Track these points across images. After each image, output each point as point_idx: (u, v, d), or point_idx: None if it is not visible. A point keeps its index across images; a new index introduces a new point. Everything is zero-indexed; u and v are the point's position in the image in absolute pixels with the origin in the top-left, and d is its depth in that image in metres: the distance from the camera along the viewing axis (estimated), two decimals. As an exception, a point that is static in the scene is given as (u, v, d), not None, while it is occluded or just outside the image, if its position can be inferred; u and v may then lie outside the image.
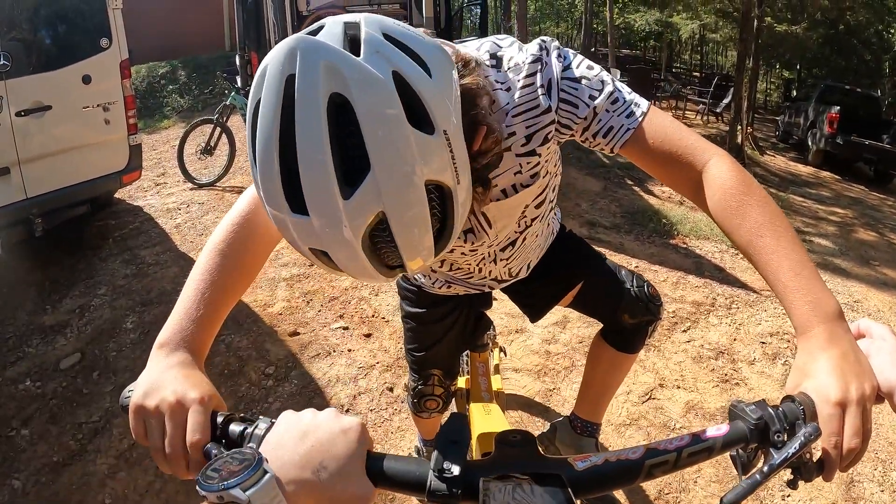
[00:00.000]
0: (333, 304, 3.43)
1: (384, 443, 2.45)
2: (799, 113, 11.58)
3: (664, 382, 2.84)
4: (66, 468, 2.31)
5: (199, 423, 0.66)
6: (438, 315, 1.48)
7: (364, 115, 0.58)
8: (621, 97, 0.89)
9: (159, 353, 0.74)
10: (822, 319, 0.70)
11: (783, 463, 0.60)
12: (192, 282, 0.81)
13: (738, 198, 0.80)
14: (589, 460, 0.62)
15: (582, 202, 5.35)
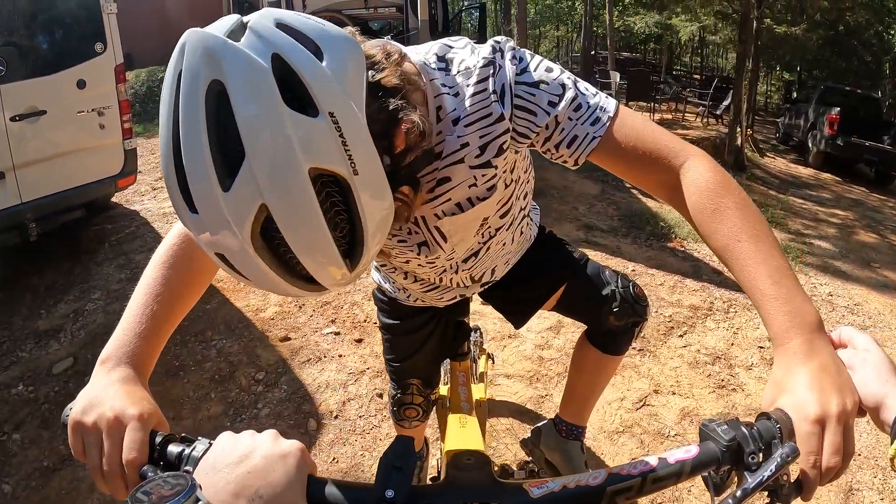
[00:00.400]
0: (325, 309, 3.40)
1: (373, 449, 2.42)
2: (799, 114, 11.58)
3: (659, 388, 2.80)
4: (56, 473, 2.30)
5: (136, 442, 0.63)
6: (414, 326, 1.44)
7: (236, 97, 0.56)
8: (585, 102, 0.81)
9: (101, 368, 0.71)
10: (801, 330, 0.65)
11: (758, 487, 0.56)
12: (137, 296, 0.78)
13: (715, 200, 0.75)
14: (546, 486, 0.58)
15: (579, 206, 5.32)
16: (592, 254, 4.12)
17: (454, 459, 0.63)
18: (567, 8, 25.38)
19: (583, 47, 17.84)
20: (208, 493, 0.51)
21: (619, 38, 22.39)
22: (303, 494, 0.55)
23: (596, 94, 0.84)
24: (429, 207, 0.92)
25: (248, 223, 0.57)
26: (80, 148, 3.78)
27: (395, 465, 0.57)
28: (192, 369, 2.86)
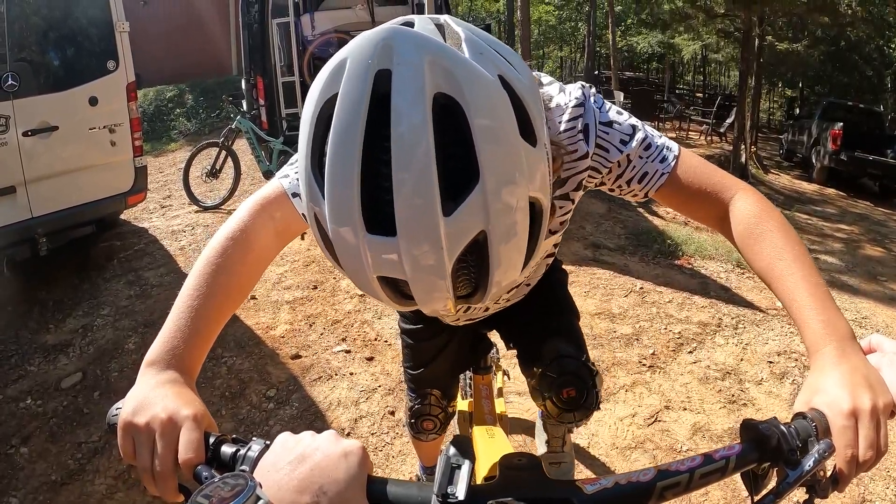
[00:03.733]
0: (336, 328, 3.42)
1: (385, 467, 2.42)
2: (802, 131, 11.60)
3: (670, 404, 2.80)
4: (64, 487, 2.29)
5: (192, 442, 0.62)
6: (435, 332, 1.45)
7: (477, 119, 0.52)
8: (654, 143, 0.89)
9: (149, 371, 0.71)
10: (834, 338, 0.69)
11: (798, 481, 0.58)
12: (184, 297, 0.78)
13: (760, 225, 0.83)
14: (598, 483, 0.60)
15: (586, 224, 5.33)
16: (600, 272, 4.18)
17: (507, 460, 0.63)
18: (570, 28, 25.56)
19: (586, 67, 17.96)
20: (270, 491, 0.52)
21: (622, 58, 22.53)
22: (363, 492, 0.56)
23: (661, 136, 0.91)
24: None
25: (460, 250, 0.55)
26: (90, 164, 3.82)
27: (457, 462, 0.58)
28: (203, 386, 2.87)
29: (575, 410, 1.31)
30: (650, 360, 3.15)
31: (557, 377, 1.30)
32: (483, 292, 0.63)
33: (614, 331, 3.44)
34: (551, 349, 1.33)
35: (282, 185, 0.88)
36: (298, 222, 0.90)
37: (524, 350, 1.46)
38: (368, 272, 0.58)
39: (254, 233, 0.85)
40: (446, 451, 0.59)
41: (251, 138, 5.65)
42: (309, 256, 4.33)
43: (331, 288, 3.89)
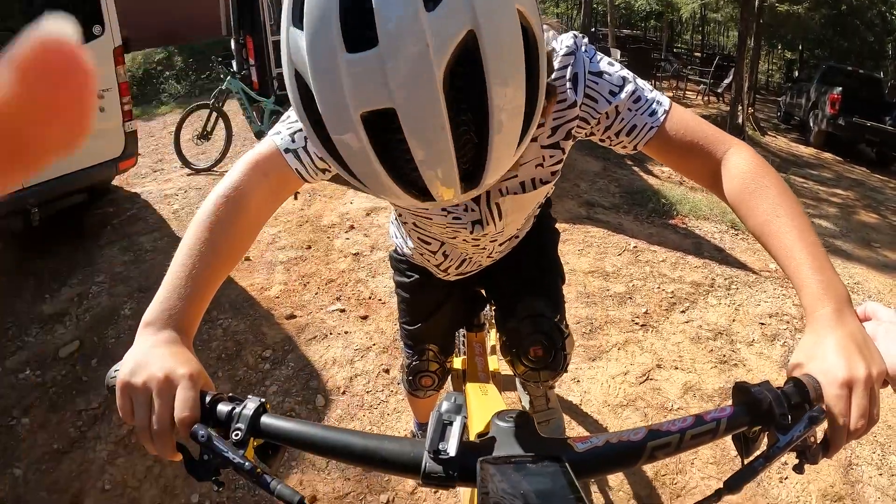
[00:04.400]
0: (330, 287, 3.42)
1: (381, 425, 2.45)
2: (801, 94, 11.50)
3: (662, 363, 2.83)
4: (66, 455, 2.31)
5: (189, 400, 0.63)
6: (431, 287, 1.45)
7: None
8: (644, 96, 0.88)
9: (146, 331, 0.71)
10: (831, 300, 0.68)
11: (788, 446, 0.59)
12: (180, 257, 0.77)
13: (756, 181, 0.81)
14: (589, 441, 0.60)
15: (581, 182, 5.31)
16: (594, 231, 4.17)
17: (499, 417, 0.64)
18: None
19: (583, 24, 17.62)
20: None
21: (620, 16, 22.15)
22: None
23: (652, 90, 0.90)
24: (496, 183, 0.96)
25: (449, 51, 0.53)
26: None
27: (448, 419, 0.59)
28: (199, 349, 2.87)
29: (541, 370, 1.32)
30: (643, 318, 3.18)
31: (528, 335, 1.31)
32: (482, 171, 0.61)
33: (607, 289, 3.46)
34: (527, 306, 1.34)
35: (274, 142, 0.88)
36: (293, 179, 0.89)
37: (501, 305, 1.47)
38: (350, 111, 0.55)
39: (248, 191, 0.84)
40: (438, 407, 0.59)
41: (242, 99, 5.57)
42: (302, 216, 4.31)
43: (325, 247, 3.88)
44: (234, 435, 0.61)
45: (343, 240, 3.99)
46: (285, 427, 0.63)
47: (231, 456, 0.59)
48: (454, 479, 0.56)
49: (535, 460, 0.56)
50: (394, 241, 1.48)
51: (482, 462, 0.56)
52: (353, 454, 0.61)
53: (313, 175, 0.91)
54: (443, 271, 1.35)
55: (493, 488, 0.51)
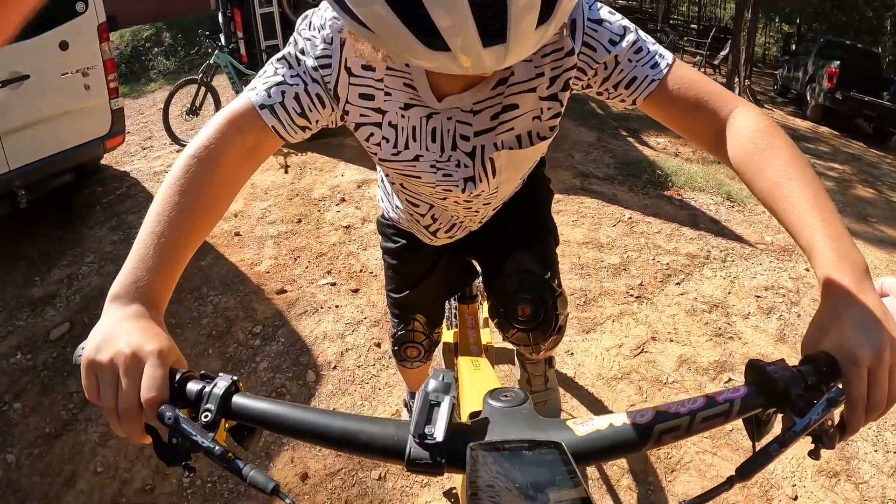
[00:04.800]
0: (321, 261, 3.38)
1: (372, 399, 2.43)
2: (798, 67, 11.41)
3: (657, 335, 2.81)
4: (58, 439, 2.30)
5: (156, 379, 0.59)
6: (418, 253, 1.40)
7: None
8: (645, 47, 0.83)
9: (112, 306, 0.66)
10: (849, 270, 0.63)
11: (805, 430, 0.54)
12: (148, 224, 0.71)
13: (765, 141, 0.75)
14: (591, 423, 0.55)
15: (575, 153, 5.24)
16: (589, 202, 4.13)
17: (493, 395, 0.59)
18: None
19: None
20: None
21: (616, -11, 21.86)
22: None
23: (654, 43, 0.86)
24: (491, 135, 0.92)
25: None
26: (66, 111, 3.70)
27: (436, 400, 0.54)
28: (189, 326, 2.84)
29: (531, 331, 1.24)
30: (637, 290, 3.15)
31: (514, 293, 1.24)
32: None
33: (602, 260, 3.42)
34: (514, 263, 1.27)
35: (249, 98, 0.82)
36: (270, 137, 0.84)
37: (489, 264, 1.40)
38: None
39: (220, 149, 0.78)
40: (424, 386, 0.54)
41: (231, 73, 5.49)
42: (293, 190, 4.26)
43: (315, 221, 3.83)
44: (203, 416, 0.57)
45: (334, 213, 3.94)
46: (258, 407, 0.58)
47: (199, 439, 0.55)
48: (441, 465, 0.52)
49: (532, 446, 0.51)
50: (381, 205, 1.42)
51: (473, 448, 0.50)
52: (332, 437, 0.56)
53: (291, 133, 0.86)
54: (431, 234, 1.28)
55: (485, 477, 0.46)
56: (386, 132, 0.93)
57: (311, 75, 0.84)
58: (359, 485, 2.06)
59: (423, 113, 0.91)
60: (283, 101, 0.83)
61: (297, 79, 0.84)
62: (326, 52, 0.84)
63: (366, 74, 0.87)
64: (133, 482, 2.10)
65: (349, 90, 0.88)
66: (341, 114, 0.91)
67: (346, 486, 2.06)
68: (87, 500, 2.06)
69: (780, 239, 3.84)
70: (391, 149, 0.95)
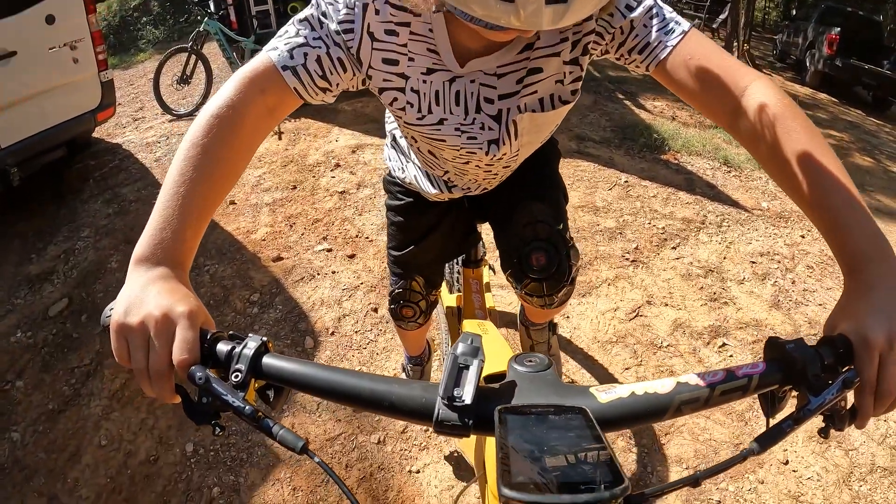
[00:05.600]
0: (317, 227, 3.38)
1: (370, 364, 2.45)
2: (798, 32, 11.27)
3: (652, 300, 2.82)
4: (61, 415, 2.31)
5: (188, 341, 0.59)
6: (422, 211, 1.40)
7: None
8: (661, 13, 0.83)
9: (138, 268, 0.66)
10: (872, 257, 0.62)
11: (819, 408, 0.55)
12: (170, 184, 0.71)
13: (783, 123, 0.72)
14: (613, 392, 0.56)
15: (571, 116, 5.17)
16: (585, 165, 4.11)
17: (517, 360, 0.60)
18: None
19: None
20: None
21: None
22: None
23: (671, 11, 0.85)
24: (515, 99, 0.95)
25: None
26: (55, 85, 3.64)
27: (465, 364, 0.54)
28: (187, 295, 2.85)
29: (545, 280, 1.26)
30: (633, 254, 3.16)
31: (529, 241, 1.25)
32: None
33: (598, 224, 3.43)
34: (526, 213, 1.28)
35: (271, 57, 0.82)
36: (291, 98, 0.84)
37: (500, 217, 1.40)
38: None
39: (243, 109, 0.77)
40: (454, 349, 0.55)
41: (221, 40, 5.40)
42: (286, 156, 4.23)
43: (310, 187, 3.81)
44: (233, 377, 0.58)
45: (329, 178, 3.92)
46: (288, 368, 0.59)
47: (230, 399, 0.56)
48: (469, 427, 0.52)
49: (558, 411, 0.52)
50: (388, 163, 1.43)
51: (501, 411, 0.51)
52: (361, 398, 0.57)
53: (313, 95, 0.86)
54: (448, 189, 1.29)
55: (515, 439, 0.47)
56: (409, 97, 0.94)
57: (334, 39, 0.84)
58: (358, 449, 2.09)
59: (445, 77, 0.92)
60: (306, 63, 0.82)
61: (320, 41, 0.84)
62: (349, 17, 0.84)
63: (389, 39, 0.87)
64: (137, 454, 2.13)
65: (372, 55, 0.88)
66: (364, 78, 0.92)
67: (346, 451, 2.08)
68: (92, 473, 2.08)
69: (776, 205, 3.84)
70: (416, 113, 0.96)
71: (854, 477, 2.03)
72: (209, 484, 2.00)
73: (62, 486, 2.04)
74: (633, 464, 2.05)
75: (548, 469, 0.44)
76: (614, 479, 0.43)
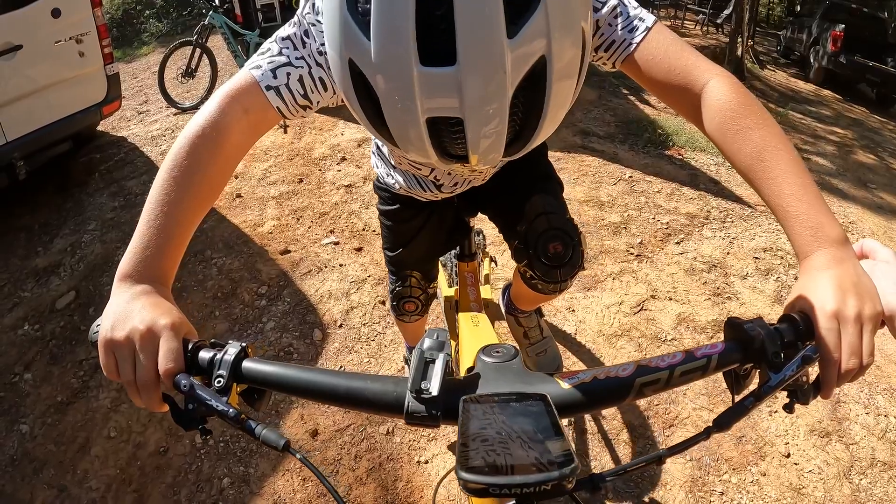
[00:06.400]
0: (324, 220, 3.39)
1: (378, 356, 2.47)
2: (802, 29, 11.25)
3: (656, 294, 2.84)
4: (70, 407, 2.33)
5: (172, 351, 0.62)
6: (412, 214, 1.46)
7: None
8: (625, 11, 0.86)
9: (122, 285, 0.69)
10: (824, 244, 0.66)
11: (779, 385, 0.58)
12: (153, 202, 0.73)
13: (737, 121, 0.76)
14: (576, 377, 0.59)
15: (576, 111, 5.18)
16: (589, 160, 4.12)
17: (485, 352, 0.63)
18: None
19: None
20: None
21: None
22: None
23: (636, 7, 0.87)
24: None
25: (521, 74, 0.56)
26: (61, 79, 3.66)
27: (430, 357, 0.57)
28: (195, 289, 2.87)
29: (560, 267, 1.31)
30: (637, 249, 3.18)
31: (543, 232, 1.29)
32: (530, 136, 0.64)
33: (602, 219, 3.44)
34: (536, 205, 1.31)
35: (254, 76, 0.82)
36: (272, 116, 0.85)
37: (506, 214, 1.44)
38: (418, 115, 0.58)
39: (225, 128, 0.79)
40: (420, 344, 0.58)
41: (226, 33, 5.40)
42: (293, 150, 4.24)
43: (317, 180, 3.83)
44: (216, 382, 0.61)
45: (335, 172, 3.94)
46: (267, 371, 0.62)
47: (214, 403, 0.59)
48: (437, 417, 0.55)
49: (520, 398, 0.54)
50: (376, 170, 1.47)
51: (465, 401, 0.54)
52: (337, 395, 0.60)
53: (294, 113, 0.87)
54: (436, 188, 1.32)
55: (476, 427, 0.50)
56: None
57: (316, 59, 0.85)
58: (368, 440, 2.11)
59: None
60: (288, 83, 0.83)
61: (302, 61, 0.84)
62: None
63: None
64: (147, 445, 2.14)
65: None
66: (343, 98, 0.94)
67: (356, 442, 2.11)
68: (102, 464, 2.10)
69: (779, 201, 3.85)
70: None
71: (854, 470, 2.04)
72: (219, 475, 2.02)
73: (72, 478, 2.07)
74: (636, 455, 2.07)
75: (504, 453, 0.47)
76: (565, 459, 0.46)
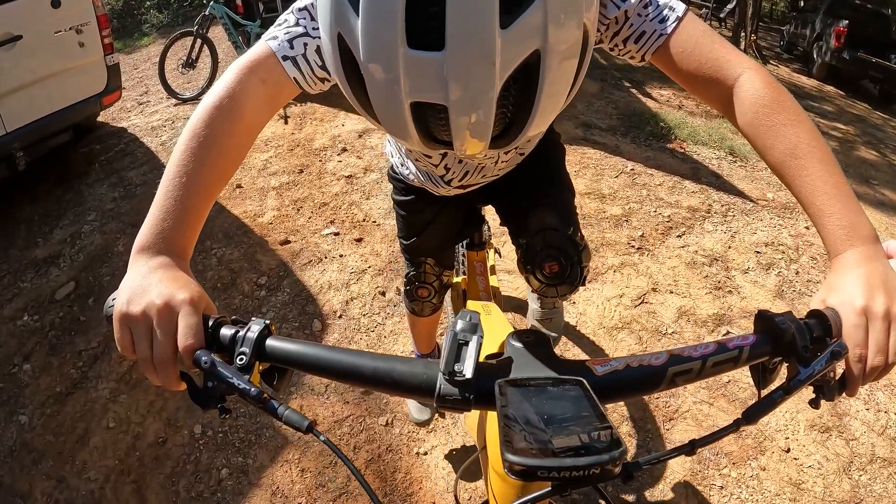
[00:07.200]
0: (324, 210, 3.38)
1: (377, 347, 2.46)
2: (805, 24, 11.19)
3: (657, 287, 2.83)
4: (69, 397, 2.33)
5: (192, 327, 0.60)
6: (425, 205, 1.45)
7: None
8: (655, 1, 0.82)
9: (139, 257, 0.66)
10: (855, 242, 0.66)
11: (808, 379, 0.57)
12: (170, 174, 0.71)
13: (770, 117, 0.74)
14: (609, 365, 0.58)
15: (578, 103, 5.15)
16: (591, 152, 4.11)
17: (516, 337, 0.62)
18: None
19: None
20: None
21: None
22: None
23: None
24: None
25: (512, 68, 0.54)
26: (61, 69, 3.64)
27: (464, 339, 0.55)
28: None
29: (558, 285, 1.30)
30: (639, 241, 3.17)
31: (540, 250, 1.28)
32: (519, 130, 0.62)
33: (604, 211, 3.43)
34: (537, 221, 1.30)
35: (271, 47, 0.81)
36: (290, 87, 0.84)
37: (514, 222, 1.44)
38: (402, 97, 0.57)
39: (243, 99, 0.78)
40: (453, 325, 0.56)
41: (226, 24, 5.37)
42: (293, 140, 4.23)
43: (317, 171, 3.82)
44: (238, 360, 0.59)
45: (335, 162, 3.93)
46: (291, 349, 0.61)
47: (236, 381, 0.57)
48: (470, 401, 0.54)
49: (556, 383, 0.53)
50: (390, 159, 1.47)
51: (501, 384, 0.53)
52: (363, 376, 0.59)
53: (312, 85, 0.86)
54: (445, 183, 1.31)
55: (515, 409, 0.49)
56: None
57: None
58: (366, 431, 2.11)
59: None
60: (306, 53, 0.82)
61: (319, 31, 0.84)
62: None
63: None
64: (146, 436, 2.15)
65: None
66: None
67: (355, 433, 2.11)
68: (100, 455, 2.10)
69: (781, 196, 3.83)
70: None
71: (854, 466, 2.04)
72: (218, 465, 2.02)
73: (70, 469, 2.07)
74: (636, 448, 2.07)
75: (549, 436, 0.46)
76: (612, 443, 0.45)
